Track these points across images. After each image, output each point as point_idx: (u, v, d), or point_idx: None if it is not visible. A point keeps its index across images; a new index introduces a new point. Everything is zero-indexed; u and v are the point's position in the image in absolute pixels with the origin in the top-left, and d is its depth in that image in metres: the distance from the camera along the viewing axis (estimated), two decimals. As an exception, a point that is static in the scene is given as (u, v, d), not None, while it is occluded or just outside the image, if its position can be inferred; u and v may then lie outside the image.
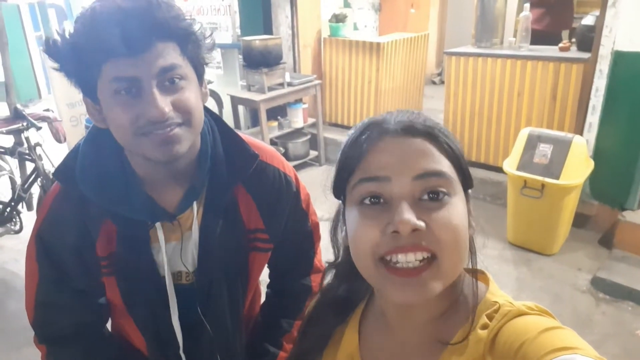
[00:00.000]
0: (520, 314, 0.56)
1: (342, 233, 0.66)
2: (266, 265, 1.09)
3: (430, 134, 0.58)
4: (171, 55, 0.77)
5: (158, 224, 0.89)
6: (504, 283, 2.68)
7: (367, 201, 0.57)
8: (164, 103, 0.75)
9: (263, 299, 1.21)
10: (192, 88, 0.81)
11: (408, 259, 0.54)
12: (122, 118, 0.76)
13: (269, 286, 1.18)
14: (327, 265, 0.78)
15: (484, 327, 0.58)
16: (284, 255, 1.08)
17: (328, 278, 0.78)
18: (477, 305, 0.60)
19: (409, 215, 0.53)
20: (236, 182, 0.93)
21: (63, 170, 0.87)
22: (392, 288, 0.55)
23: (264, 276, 1.13)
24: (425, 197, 0.55)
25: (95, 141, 0.88)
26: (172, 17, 0.76)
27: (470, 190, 0.63)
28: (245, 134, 0.99)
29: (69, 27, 0.75)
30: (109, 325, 1.07)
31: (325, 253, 0.88)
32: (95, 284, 0.92)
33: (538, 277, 2.79)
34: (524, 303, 0.58)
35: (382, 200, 0.56)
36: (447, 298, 0.60)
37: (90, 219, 0.87)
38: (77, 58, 0.75)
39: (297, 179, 1.05)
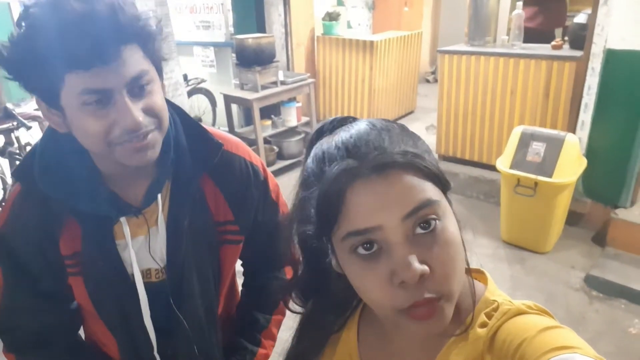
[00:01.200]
0: (520, 312, 0.56)
1: (332, 260, 0.62)
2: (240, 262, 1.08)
3: (407, 163, 0.53)
4: (137, 61, 0.74)
5: (123, 219, 0.87)
6: (498, 281, 2.65)
7: (361, 250, 0.54)
8: (137, 112, 0.74)
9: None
10: (158, 89, 0.80)
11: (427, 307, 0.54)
12: (94, 128, 0.74)
13: (243, 282, 1.17)
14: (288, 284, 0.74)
15: (483, 325, 0.57)
16: (256, 248, 1.06)
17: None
18: (475, 304, 0.60)
19: (412, 263, 0.51)
20: (201, 172, 0.92)
21: (21, 169, 0.85)
22: (414, 327, 0.55)
23: (240, 277, 1.12)
24: (419, 229, 0.53)
25: (53, 138, 0.85)
26: (134, 19, 0.74)
27: (448, 190, 0.60)
28: (209, 127, 0.98)
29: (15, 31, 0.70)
30: (82, 334, 1.04)
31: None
32: (62, 285, 0.89)
33: (532, 275, 2.80)
34: (523, 302, 0.58)
35: (376, 247, 0.54)
36: None
37: (52, 217, 0.85)
38: (36, 68, 0.71)
39: (264, 168, 1.03)
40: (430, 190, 0.54)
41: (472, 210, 3.49)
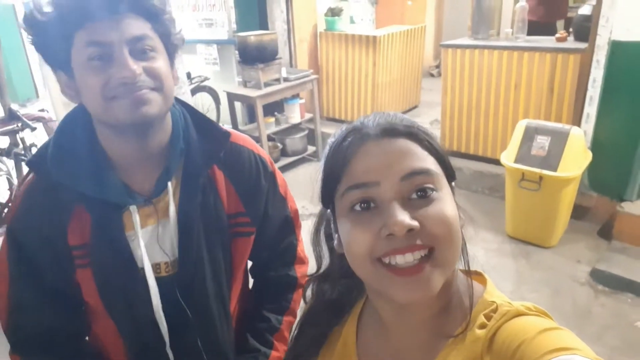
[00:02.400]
0: (519, 314, 0.56)
1: (335, 241, 0.65)
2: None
3: (411, 133, 0.59)
4: (142, 27, 0.81)
5: (133, 207, 0.88)
6: (504, 276, 2.68)
7: (357, 207, 0.57)
8: (135, 66, 0.78)
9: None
10: (163, 60, 0.84)
11: (406, 259, 0.54)
12: (94, 83, 0.78)
13: (254, 281, 1.17)
14: (309, 277, 0.77)
15: (482, 326, 0.58)
16: (265, 242, 1.07)
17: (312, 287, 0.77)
18: (473, 305, 0.60)
19: (402, 216, 0.53)
20: (211, 162, 0.94)
21: (35, 159, 0.88)
22: (395, 288, 0.55)
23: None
24: (414, 195, 0.56)
25: (67, 128, 0.89)
26: None
27: (453, 183, 0.63)
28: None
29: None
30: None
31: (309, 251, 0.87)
32: (70, 281, 0.89)
33: (537, 270, 2.79)
34: (522, 303, 0.58)
35: (372, 205, 0.57)
36: (442, 296, 0.60)
37: (61, 205, 0.86)
38: (52, 27, 0.78)
39: (271, 162, 1.05)
40: (430, 163, 0.58)
41: (477, 204, 3.48)
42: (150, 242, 0.91)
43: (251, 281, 1.18)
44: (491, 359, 0.55)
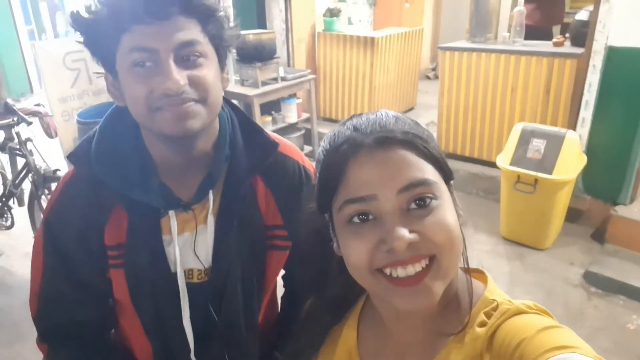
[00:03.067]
0: (519, 312, 0.56)
1: (334, 244, 0.64)
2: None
3: (407, 141, 0.56)
4: (191, 31, 0.76)
5: (171, 212, 0.86)
6: (497, 278, 2.67)
7: (356, 219, 0.56)
8: (180, 76, 0.74)
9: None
10: (211, 67, 0.79)
11: (408, 271, 0.54)
12: (138, 91, 0.76)
13: (284, 295, 1.14)
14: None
15: (482, 324, 0.58)
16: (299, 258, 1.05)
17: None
18: (474, 303, 0.60)
19: (401, 231, 0.52)
20: (255, 171, 0.91)
21: (78, 152, 0.85)
22: (397, 298, 0.55)
23: (281, 289, 1.09)
24: (413, 205, 0.55)
25: (112, 125, 0.87)
26: None
27: (452, 181, 0.62)
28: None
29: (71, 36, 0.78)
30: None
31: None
32: (102, 278, 0.88)
33: (531, 272, 2.81)
34: (522, 302, 0.58)
35: (371, 217, 0.56)
36: (443, 295, 0.59)
37: (101, 204, 0.85)
38: (99, 27, 0.76)
39: (315, 174, 1.02)
40: (429, 172, 0.56)
41: (472, 206, 3.49)
42: (186, 248, 0.89)
43: (279, 294, 1.15)
44: (491, 357, 0.55)
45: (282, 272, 1.07)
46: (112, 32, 0.75)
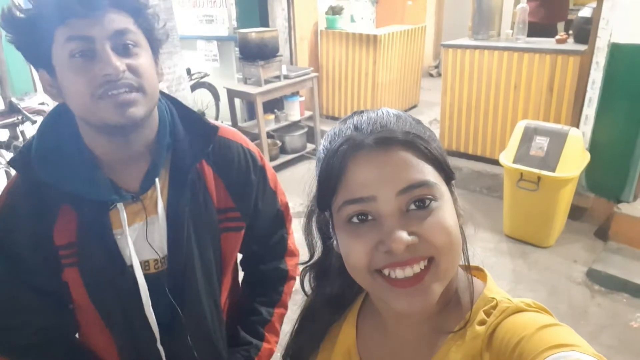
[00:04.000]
0: (518, 310, 0.56)
1: (333, 241, 0.64)
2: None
3: (408, 142, 0.56)
4: (124, 21, 0.79)
5: (120, 205, 0.86)
6: (500, 275, 2.70)
7: (355, 220, 0.56)
8: (118, 61, 0.76)
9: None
10: (146, 57, 0.82)
11: (406, 273, 0.54)
12: (77, 82, 0.77)
13: (244, 273, 1.16)
14: (303, 267, 0.76)
15: (482, 323, 0.58)
16: (256, 236, 1.06)
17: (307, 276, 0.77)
18: (473, 301, 0.60)
19: (400, 234, 0.52)
20: (199, 157, 0.92)
21: (18, 157, 0.85)
22: (395, 299, 0.55)
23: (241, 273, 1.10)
24: (413, 206, 0.55)
25: (51, 126, 0.87)
26: None
27: (453, 181, 0.61)
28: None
29: None
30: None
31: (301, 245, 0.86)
32: (58, 281, 0.87)
33: (534, 270, 2.80)
34: (522, 300, 0.58)
35: (370, 217, 0.55)
36: (443, 293, 0.59)
37: (47, 205, 0.84)
38: (32, 24, 0.76)
39: (261, 156, 1.04)
40: (429, 173, 0.56)
41: (475, 204, 3.49)
42: (139, 240, 0.89)
43: (241, 274, 1.18)
44: (491, 356, 0.55)
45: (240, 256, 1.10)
46: (46, 27, 0.76)
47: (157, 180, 0.89)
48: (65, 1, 0.74)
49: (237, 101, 4.38)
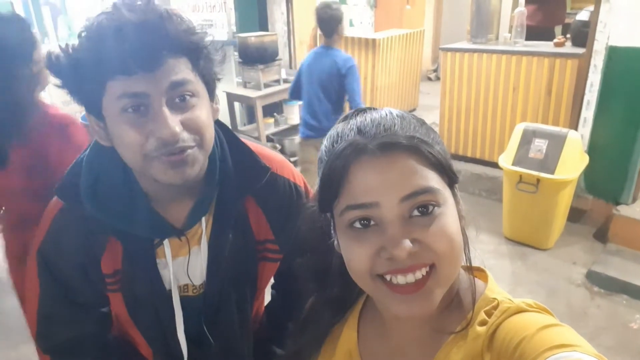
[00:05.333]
0: (519, 311, 0.56)
1: (335, 241, 0.64)
2: None
3: (412, 147, 0.54)
4: (182, 71, 0.73)
5: (166, 242, 0.86)
6: (500, 277, 2.70)
7: (357, 224, 0.56)
8: (175, 122, 0.71)
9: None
10: (203, 105, 0.77)
11: (408, 279, 0.54)
12: (130, 138, 0.72)
13: (273, 287, 1.15)
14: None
15: (483, 323, 0.58)
16: (291, 262, 1.07)
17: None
18: (475, 302, 0.60)
19: (403, 242, 0.52)
20: (246, 194, 0.91)
21: (67, 187, 0.83)
22: (396, 304, 0.55)
23: None
24: (416, 212, 0.54)
25: (98, 158, 0.84)
26: (183, 31, 0.72)
27: (456, 185, 0.61)
28: (253, 142, 0.95)
29: (72, 42, 0.71)
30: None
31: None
32: (100, 297, 0.90)
33: (533, 272, 2.81)
34: (523, 300, 0.58)
35: (372, 223, 0.55)
36: (445, 296, 0.59)
37: (95, 236, 0.84)
38: (81, 75, 0.71)
39: (306, 187, 1.02)
40: (432, 179, 0.55)
41: (474, 207, 3.49)
42: (180, 269, 0.90)
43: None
44: (492, 356, 0.55)
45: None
46: (97, 80, 0.71)
47: (203, 218, 0.88)
48: (122, 56, 0.67)
49: (237, 105, 4.39)
